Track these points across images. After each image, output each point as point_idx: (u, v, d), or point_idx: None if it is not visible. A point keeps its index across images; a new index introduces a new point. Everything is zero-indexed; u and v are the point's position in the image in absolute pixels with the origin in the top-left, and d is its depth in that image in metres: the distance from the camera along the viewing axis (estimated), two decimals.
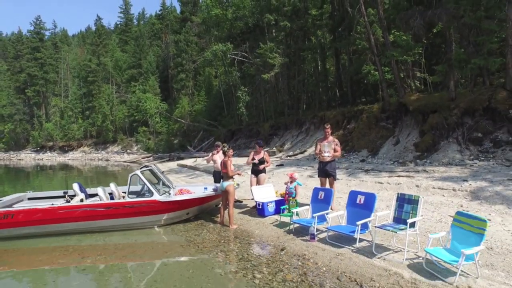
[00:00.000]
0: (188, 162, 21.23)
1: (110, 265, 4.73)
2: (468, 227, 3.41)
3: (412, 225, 3.91)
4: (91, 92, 48.61)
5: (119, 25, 73.00)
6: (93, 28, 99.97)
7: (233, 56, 18.57)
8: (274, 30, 18.51)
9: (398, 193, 4.41)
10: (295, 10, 16.32)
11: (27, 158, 47.01)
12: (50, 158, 46.25)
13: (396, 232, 3.91)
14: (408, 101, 11.02)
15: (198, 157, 22.12)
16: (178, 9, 57.15)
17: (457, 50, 9.19)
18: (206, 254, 4.82)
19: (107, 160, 40.20)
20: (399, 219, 4.15)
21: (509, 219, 4.71)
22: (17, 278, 4.51)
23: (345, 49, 15.83)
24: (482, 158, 8.34)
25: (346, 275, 3.69)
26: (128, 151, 43.10)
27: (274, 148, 16.48)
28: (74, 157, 45.28)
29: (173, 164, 22.23)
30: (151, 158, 33.53)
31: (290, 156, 14.74)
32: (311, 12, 16.96)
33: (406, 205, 4.14)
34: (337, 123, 14.00)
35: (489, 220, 4.77)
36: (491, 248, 3.86)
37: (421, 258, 3.74)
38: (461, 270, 3.25)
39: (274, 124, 19.87)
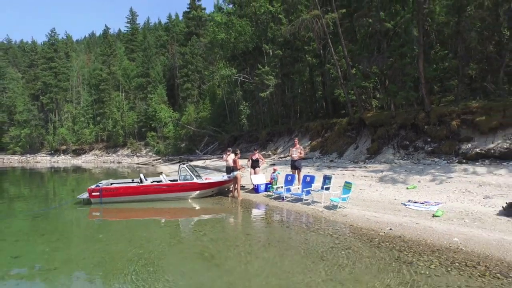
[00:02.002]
0: (198, 163, 25.56)
1: (172, 219, 9.08)
2: (347, 187, 7.78)
3: (327, 189, 8.27)
4: (102, 99, 53.06)
5: (125, 34, 77.86)
6: (97, 34, 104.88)
7: (236, 78, 23.06)
8: (270, 54, 22.94)
9: (324, 175, 8.80)
10: (286, 41, 20.75)
11: (43, 160, 51.45)
12: (64, 160, 50.65)
13: (317, 192, 8.30)
14: (365, 117, 15.40)
15: (206, 160, 26.52)
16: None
17: (390, 85, 13.57)
18: (225, 210, 9.18)
19: (119, 162, 44.45)
20: (323, 187, 8.50)
21: (386, 189, 9.05)
22: (131, 223, 8.84)
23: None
24: (405, 159, 12.68)
25: (295, 212, 8.06)
26: (137, 154, 47.48)
27: (270, 151, 20.87)
28: (87, 160, 49.63)
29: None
30: (160, 160, 37.93)
31: (281, 158, 19.08)
32: (300, 37, 21.31)
33: (327, 180, 8.50)
34: (318, 132, 18.42)
35: (377, 190, 9.13)
36: (364, 200, 8.22)
37: (330, 204, 8.09)
38: (341, 205, 7.62)
39: (270, 131, 24.28)
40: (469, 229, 5.54)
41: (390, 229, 5.98)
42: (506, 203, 6.14)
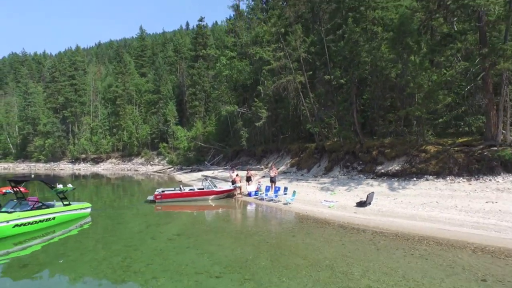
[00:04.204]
0: (207, 173, 33.43)
1: (201, 210, 17.05)
2: (294, 193, 15.67)
3: (285, 194, 16.19)
4: (117, 112, 61.19)
5: (135, 49, 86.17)
6: (102, 41, 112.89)
7: (238, 110, 31.12)
8: (264, 91, 30.89)
9: (284, 186, 16.72)
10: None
11: (66, 168, 59.63)
12: (86, 168, 58.77)
13: (281, 195, 16.24)
14: (326, 145, 23.27)
15: (214, 170, 34.41)
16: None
17: (337, 126, 21.44)
18: (231, 206, 17.12)
19: (136, 170, 52.42)
20: (283, 193, 16.39)
21: (320, 194, 16.88)
22: (177, 215, 16.77)
23: None
24: (345, 175, 20.49)
25: (268, 206, 16.02)
26: (151, 163, 55.47)
27: (263, 166, 28.73)
28: (106, 168, 57.72)
29: (197, 175, 34.47)
30: (173, 169, 45.83)
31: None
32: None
33: (286, 189, 16.42)
34: (296, 153, 26.29)
35: (315, 194, 17.00)
36: (304, 200, 16.10)
37: (286, 202, 15.98)
38: (290, 202, 15.53)
39: (264, 148, 32.19)
40: (337, 212, 13.40)
41: (306, 212, 13.85)
42: (364, 199, 13.98)
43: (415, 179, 16.88)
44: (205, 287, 6.83)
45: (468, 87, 15.93)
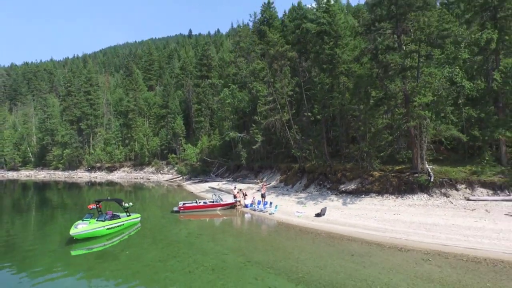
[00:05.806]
0: (213, 184, 41.35)
1: (212, 218, 24.99)
2: (276, 206, 23.54)
3: (271, 206, 24.09)
4: (130, 125, 69.30)
5: (143, 62, 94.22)
6: (106, 47, 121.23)
7: (239, 135, 39.09)
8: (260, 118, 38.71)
9: (270, 201, 24.63)
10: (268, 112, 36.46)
11: (84, 176, 67.79)
12: (102, 176, 66.89)
13: (268, 208, 24.17)
14: (306, 167, 31.10)
15: (219, 182, 42.29)
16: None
17: (314, 153, 29.19)
18: (233, 214, 25.04)
19: (148, 179, 60.49)
20: (269, 206, 24.26)
21: (295, 206, 24.68)
22: (196, 222, 24.67)
23: None
24: (318, 191, 28.27)
25: (259, 215, 23.90)
26: (161, 172, 63.48)
27: (258, 180, 36.56)
28: (120, 176, 65.81)
29: (204, 185, 42.36)
30: (182, 179, 53.72)
31: (265, 185, 34.66)
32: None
33: (271, 203, 24.30)
34: (284, 171, 34.10)
35: (292, 207, 24.87)
36: (283, 211, 23.94)
37: (272, 212, 23.83)
38: (274, 213, 23.42)
39: (260, 165, 40.06)
40: (302, 220, 21.21)
41: (282, 220, 21.67)
42: (319, 211, 21.79)
43: (363, 196, 24.62)
44: (220, 259, 14.66)
45: (396, 134, 23.69)
